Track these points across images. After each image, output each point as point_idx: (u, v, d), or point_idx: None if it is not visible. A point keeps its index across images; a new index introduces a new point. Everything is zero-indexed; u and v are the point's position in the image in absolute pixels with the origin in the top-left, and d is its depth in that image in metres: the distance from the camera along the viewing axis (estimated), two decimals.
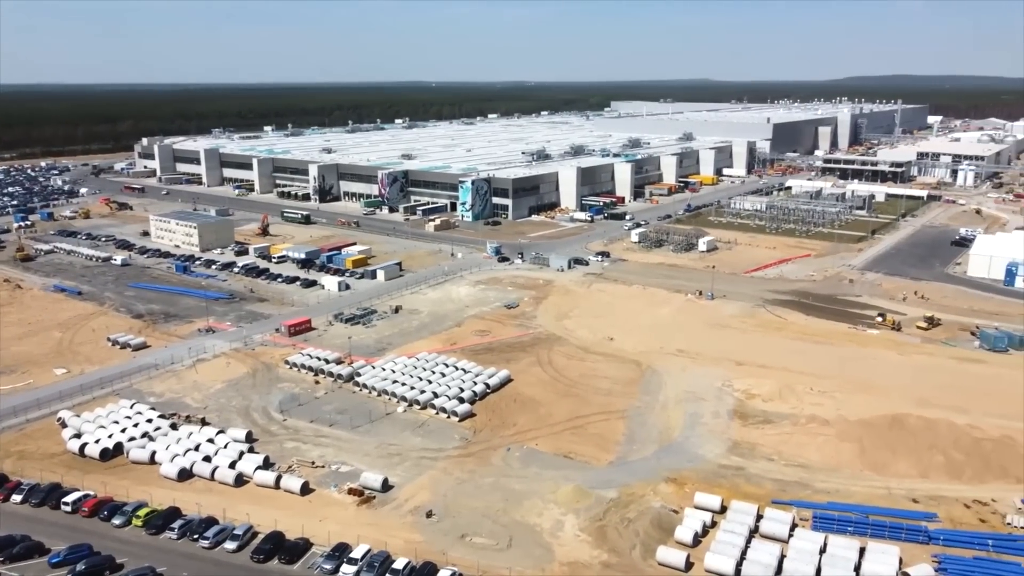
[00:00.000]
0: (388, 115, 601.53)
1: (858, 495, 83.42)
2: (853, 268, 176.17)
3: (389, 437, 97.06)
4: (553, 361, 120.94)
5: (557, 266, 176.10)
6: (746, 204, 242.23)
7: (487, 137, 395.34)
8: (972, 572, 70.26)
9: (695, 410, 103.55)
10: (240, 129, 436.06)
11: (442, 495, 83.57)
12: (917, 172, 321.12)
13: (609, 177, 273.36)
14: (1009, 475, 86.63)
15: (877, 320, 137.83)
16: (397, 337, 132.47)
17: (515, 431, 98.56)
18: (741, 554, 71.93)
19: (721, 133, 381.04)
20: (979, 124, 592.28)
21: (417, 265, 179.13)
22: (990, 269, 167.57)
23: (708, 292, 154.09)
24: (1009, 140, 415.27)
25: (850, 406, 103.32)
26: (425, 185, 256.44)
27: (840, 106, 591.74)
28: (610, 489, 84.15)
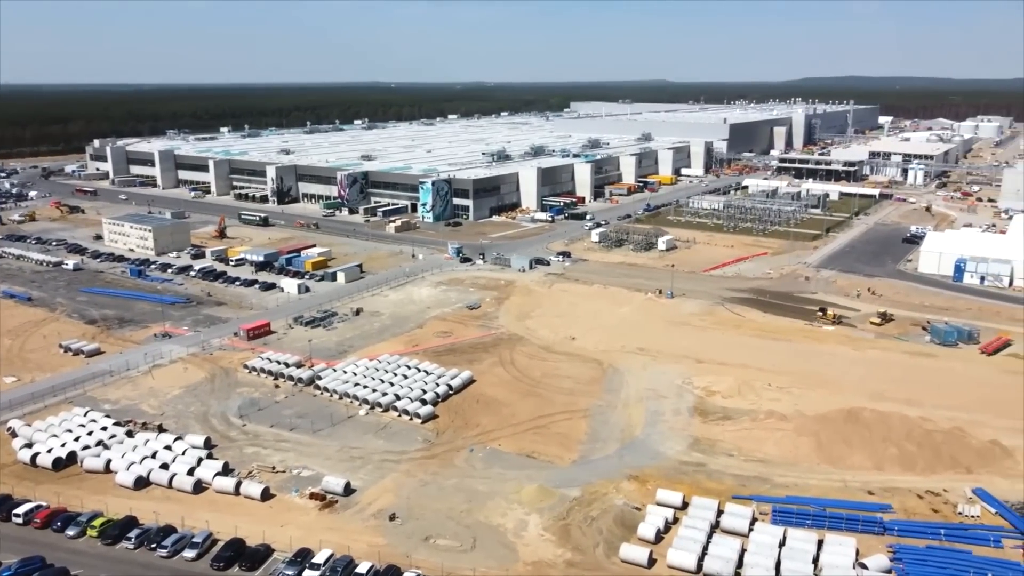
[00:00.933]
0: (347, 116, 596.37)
1: (815, 488, 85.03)
2: (809, 266, 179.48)
3: (351, 440, 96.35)
4: (515, 361, 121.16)
5: (518, 266, 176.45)
6: (704, 203, 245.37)
7: (447, 138, 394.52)
8: (925, 561, 72.02)
9: (656, 408, 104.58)
10: (195, 130, 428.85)
11: (405, 497, 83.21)
12: (869, 171, 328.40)
13: (569, 177, 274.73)
14: (959, 465, 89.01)
15: (818, 315, 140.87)
16: (358, 339, 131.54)
17: (478, 432, 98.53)
18: (703, 549, 72.82)
19: (679, 133, 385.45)
20: (928, 124, 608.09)
21: (378, 267, 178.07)
22: (940, 265, 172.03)
23: (668, 291, 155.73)
24: (956, 140, 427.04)
25: (807, 401, 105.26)
26: (385, 186, 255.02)
27: (794, 107, 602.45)
28: (573, 488, 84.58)
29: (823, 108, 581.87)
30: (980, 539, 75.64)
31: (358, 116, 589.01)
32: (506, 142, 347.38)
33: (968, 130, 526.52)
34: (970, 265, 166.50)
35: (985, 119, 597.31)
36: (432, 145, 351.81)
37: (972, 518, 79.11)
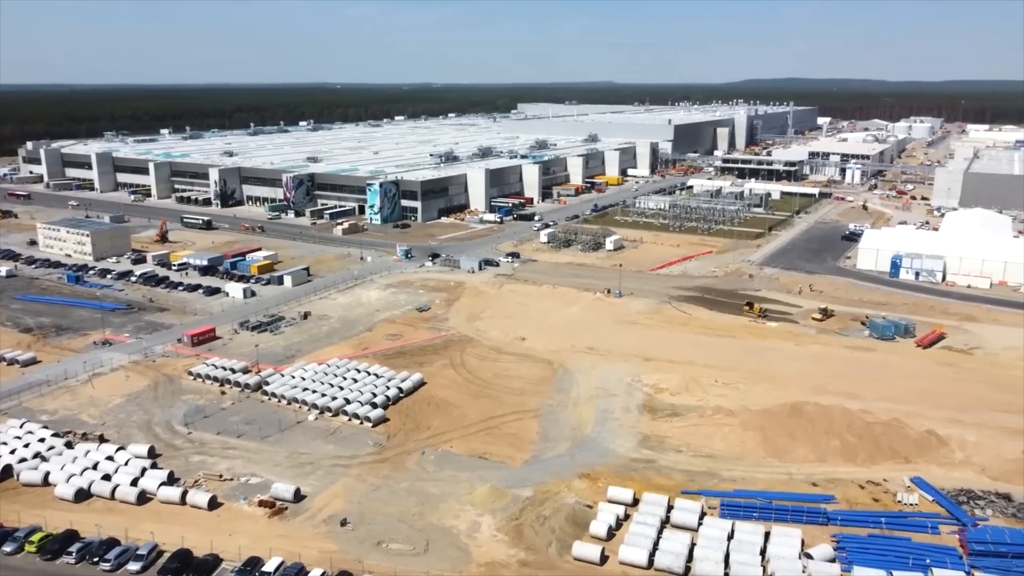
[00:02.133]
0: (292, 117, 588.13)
1: (762, 481, 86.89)
2: (752, 264, 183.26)
3: (300, 446, 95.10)
4: (466, 363, 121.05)
5: (468, 268, 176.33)
6: (650, 203, 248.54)
7: (394, 139, 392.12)
8: (867, 549, 74.22)
9: (606, 406, 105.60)
10: (135, 132, 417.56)
11: (356, 502, 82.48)
12: (809, 171, 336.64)
13: (517, 178, 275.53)
14: (898, 455, 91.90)
15: (744, 308, 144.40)
16: (306, 344, 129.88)
17: (429, 434, 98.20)
18: (654, 545, 73.81)
19: (625, 134, 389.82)
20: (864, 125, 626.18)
21: (325, 270, 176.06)
22: (877, 262, 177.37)
23: (616, 290, 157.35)
24: (891, 140, 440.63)
25: (752, 396, 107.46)
26: (332, 188, 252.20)
27: (737, 108, 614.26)
28: (525, 487, 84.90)
29: (764, 109, 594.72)
30: (918, 526, 78.24)
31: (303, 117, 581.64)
32: (454, 143, 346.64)
33: (902, 131, 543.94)
34: (905, 261, 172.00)
35: (917, 120, 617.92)
36: (379, 146, 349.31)
37: (911, 506, 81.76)
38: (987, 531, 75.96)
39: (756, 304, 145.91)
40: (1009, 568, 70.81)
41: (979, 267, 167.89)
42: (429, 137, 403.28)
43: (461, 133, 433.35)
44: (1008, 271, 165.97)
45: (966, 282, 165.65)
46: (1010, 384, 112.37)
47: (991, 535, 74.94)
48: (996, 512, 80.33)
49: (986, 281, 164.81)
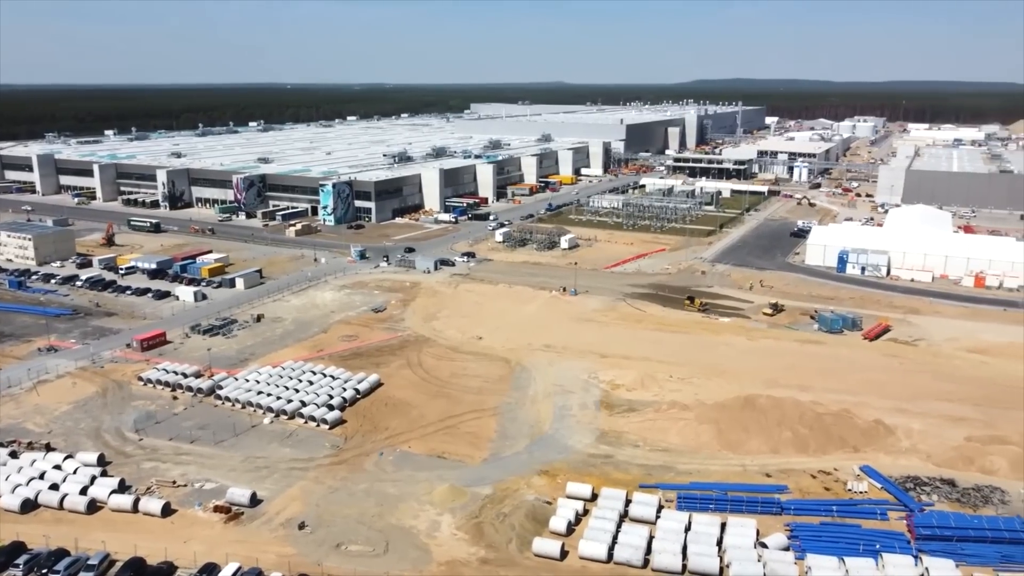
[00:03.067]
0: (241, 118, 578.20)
1: (717, 474, 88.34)
2: (704, 261, 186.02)
3: (256, 450, 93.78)
4: (423, 362, 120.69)
5: (423, 268, 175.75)
6: (604, 202, 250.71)
7: (347, 139, 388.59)
8: (820, 536, 76.02)
9: (564, 403, 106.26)
10: (78, 133, 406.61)
11: (314, 505, 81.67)
12: (758, 169, 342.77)
13: (472, 178, 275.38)
14: (848, 445, 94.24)
15: (686, 303, 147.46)
16: (260, 346, 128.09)
17: (387, 435, 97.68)
18: (613, 539, 74.55)
19: (578, 134, 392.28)
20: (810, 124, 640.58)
21: (278, 272, 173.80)
22: (825, 258, 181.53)
23: (571, 288, 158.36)
24: (836, 139, 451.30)
25: (706, 390, 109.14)
26: (284, 189, 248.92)
27: (687, 108, 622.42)
28: (485, 486, 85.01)
29: (714, 109, 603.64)
30: (868, 513, 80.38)
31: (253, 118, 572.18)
32: (407, 143, 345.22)
33: (846, 130, 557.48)
34: (852, 256, 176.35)
35: (861, 119, 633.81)
36: (331, 147, 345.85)
37: (860, 494, 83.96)
38: (933, 516, 78.39)
39: (697, 299, 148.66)
40: (955, 551, 73.10)
41: (921, 261, 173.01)
42: (382, 137, 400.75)
43: (414, 133, 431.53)
44: (948, 265, 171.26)
45: (909, 276, 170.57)
46: (952, 374, 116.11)
47: (937, 520, 77.36)
48: (941, 497, 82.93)
49: (928, 275, 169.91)
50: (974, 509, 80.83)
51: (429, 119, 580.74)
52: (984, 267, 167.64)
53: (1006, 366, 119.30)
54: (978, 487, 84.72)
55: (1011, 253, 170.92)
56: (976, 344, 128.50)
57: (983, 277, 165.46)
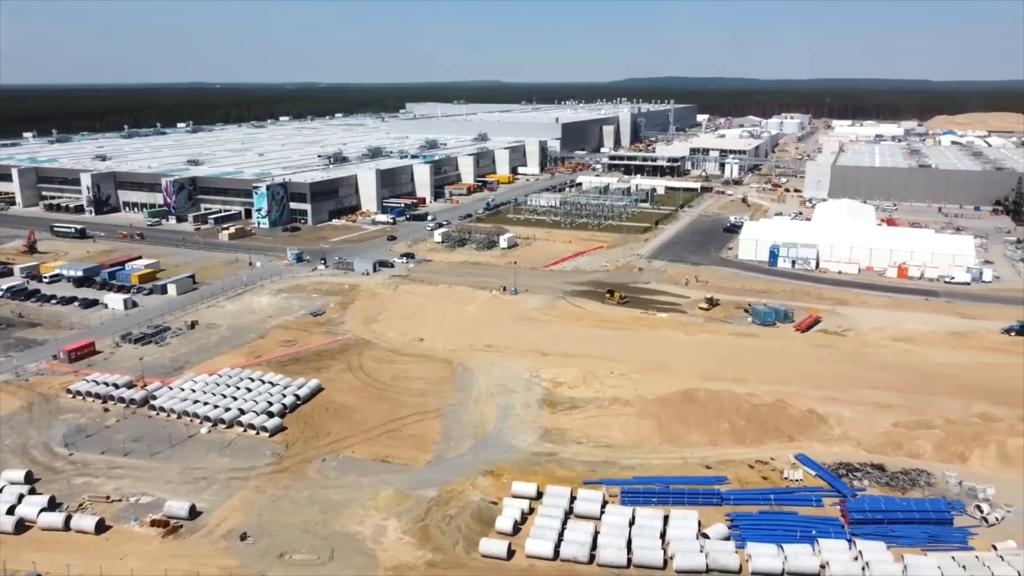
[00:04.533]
0: (169, 119, 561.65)
1: (659, 467, 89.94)
2: (641, 257, 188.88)
3: (193, 461, 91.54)
4: (364, 366, 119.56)
5: (362, 270, 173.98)
6: (541, 201, 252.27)
7: (280, 140, 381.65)
8: (759, 524, 78.13)
9: (507, 402, 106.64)
10: None
11: (256, 515, 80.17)
12: (691, 166, 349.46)
13: (409, 178, 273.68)
14: (783, 434, 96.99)
15: (606, 296, 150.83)
16: (195, 354, 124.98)
17: (329, 440, 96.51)
18: (559, 536, 75.21)
19: (514, 133, 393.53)
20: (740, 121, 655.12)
21: (212, 277, 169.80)
22: (756, 252, 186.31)
23: (511, 287, 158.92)
24: (765, 136, 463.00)
25: (647, 385, 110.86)
26: (216, 192, 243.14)
27: (621, 106, 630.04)
28: (430, 488, 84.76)
29: (647, 107, 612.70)
30: (804, 500, 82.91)
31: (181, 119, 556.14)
32: (342, 144, 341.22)
33: (774, 126, 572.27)
34: (782, 250, 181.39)
35: (788, 116, 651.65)
36: (264, 148, 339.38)
37: (796, 481, 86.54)
38: (865, 500, 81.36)
39: (616, 292, 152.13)
40: (885, 533, 76.09)
41: (848, 254, 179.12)
42: (316, 138, 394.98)
43: (349, 133, 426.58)
44: (873, 257, 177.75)
45: (837, 268, 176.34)
46: (879, 362, 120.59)
47: (868, 504, 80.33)
48: (872, 482, 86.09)
49: (855, 267, 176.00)
50: (903, 492, 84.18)
51: (364, 119, 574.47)
52: (906, 258, 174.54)
53: (929, 353, 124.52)
54: (906, 471, 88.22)
55: (931, 244, 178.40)
56: (900, 333, 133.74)
57: (905, 268, 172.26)
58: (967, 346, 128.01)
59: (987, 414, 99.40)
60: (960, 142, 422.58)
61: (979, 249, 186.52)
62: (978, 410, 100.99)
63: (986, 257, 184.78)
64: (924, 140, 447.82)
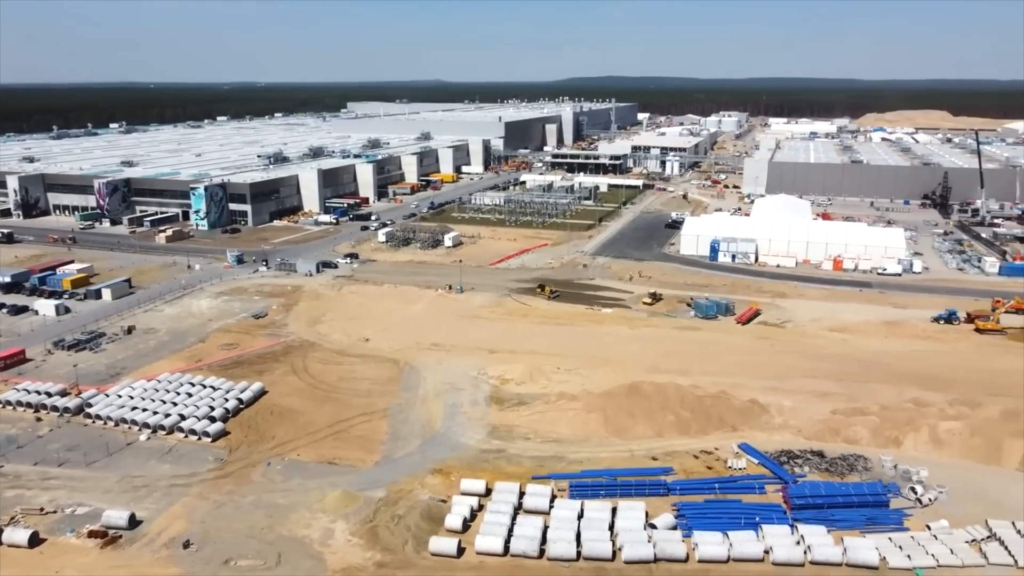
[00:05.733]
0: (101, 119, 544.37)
1: (606, 460, 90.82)
2: (585, 254, 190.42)
3: (132, 469, 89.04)
4: (309, 368, 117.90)
5: (305, 271, 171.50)
6: (486, 199, 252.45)
7: (218, 140, 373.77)
8: (704, 513, 79.51)
9: (454, 400, 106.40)
10: None
11: (199, 522, 78.37)
12: (633, 164, 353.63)
13: (351, 178, 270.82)
14: (726, 424, 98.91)
15: (537, 291, 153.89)
16: (132, 360, 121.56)
17: (274, 444, 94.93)
18: (508, 532, 75.36)
19: (457, 132, 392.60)
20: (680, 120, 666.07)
21: (149, 280, 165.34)
22: (698, 247, 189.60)
23: (457, 286, 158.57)
24: (704, 133, 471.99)
25: (593, 380, 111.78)
26: (152, 194, 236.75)
27: (563, 105, 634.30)
28: (378, 489, 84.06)
29: (589, 106, 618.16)
30: (747, 488, 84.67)
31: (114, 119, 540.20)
32: (282, 144, 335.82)
33: (713, 124, 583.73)
34: (723, 245, 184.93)
35: (726, 114, 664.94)
36: (202, 148, 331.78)
37: (740, 470, 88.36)
38: (806, 486, 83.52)
39: (547, 286, 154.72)
40: (826, 517, 78.21)
41: (785, 248, 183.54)
42: (256, 138, 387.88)
43: (290, 133, 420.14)
44: (810, 251, 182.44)
45: (775, 262, 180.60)
46: (816, 352, 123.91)
47: (809, 490, 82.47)
48: (812, 468, 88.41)
49: (792, 260, 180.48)
50: (841, 477, 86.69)
51: (305, 118, 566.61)
52: (841, 251, 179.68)
53: (863, 342, 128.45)
54: (844, 456, 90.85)
55: (864, 238, 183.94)
56: (837, 323, 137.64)
57: (840, 261, 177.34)
58: (899, 335, 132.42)
59: (919, 399, 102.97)
60: (890, 139, 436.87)
61: (909, 241, 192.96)
62: (910, 396, 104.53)
63: (916, 249, 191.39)
64: (856, 137, 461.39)
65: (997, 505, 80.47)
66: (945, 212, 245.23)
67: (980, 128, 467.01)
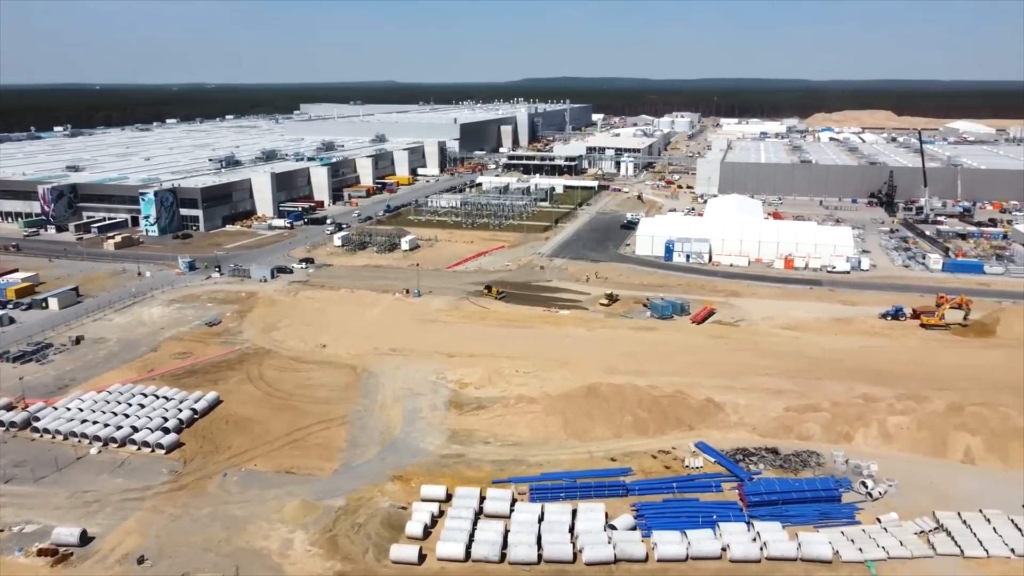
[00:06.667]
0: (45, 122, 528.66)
1: (566, 462, 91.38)
2: (542, 255, 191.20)
3: (83, 484, 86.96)
4: (265, 375, 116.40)
5: (259, 276, 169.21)
6: (442, 202, 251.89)
7: (168, 144, 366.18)
8: (663, 513, 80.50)
9: (413, 406, 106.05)
10: None
11: (154, 536, 76.89)
12: (588, 164, 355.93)
13: (306, 181, 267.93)
14: (683, 424, 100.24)
15: (484, 292, 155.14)
16: (81, 371, 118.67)
17: (230, 454, 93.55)
18: (469, 537, 75.39)
19: (413, 134, 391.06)
20: (633, 120, 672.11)
21: (98, 288, 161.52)
22: (653, 248, 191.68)
23: (414, 289, 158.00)
24: (657, 134, 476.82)
25: (552, 382, 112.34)
26: (99, 199, 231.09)
27: (518, 106, 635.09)
28: (337, 497, 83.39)
29: (544, 107, 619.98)
30: (704, 486, 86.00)
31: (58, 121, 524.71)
32: (235, 147, 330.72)
33: (666, 125, 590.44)
34: (677, 246, 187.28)
35: (679, 115, 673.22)
36: (151, 152, 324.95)
37: (697, 469, 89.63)
38: (761, 483, 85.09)
39: (494, 287, 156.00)
40: (781, 513, 79.81)
41: (738, 247, 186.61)
42: (207, 141, 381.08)
43: (242, 136, 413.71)
44: (762, 250, 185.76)
45: (729, 261, 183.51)
46: (769, 350, 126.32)
47: (764, 487, 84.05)
48: (767, 465, 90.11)
49: (745, 259, 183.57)
50: (795, 473, 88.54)
51: (257, 121, 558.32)
52: (792, 250, 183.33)
53: (814, 340, 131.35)
54: (797, 453, 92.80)
55: (814, 236, 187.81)
56: (789, 321, 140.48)
57: (791, 259, 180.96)
58: (849, 331, 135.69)
59: (868, 395, 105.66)
60: (837, 138, 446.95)
61: (857, 239, 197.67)
62: (860, 391, 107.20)
63: (863, 247, 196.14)
64: (805, 137, 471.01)
65: (944, 497, 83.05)
66: (891, 210, 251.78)
67: (923, 128, 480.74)
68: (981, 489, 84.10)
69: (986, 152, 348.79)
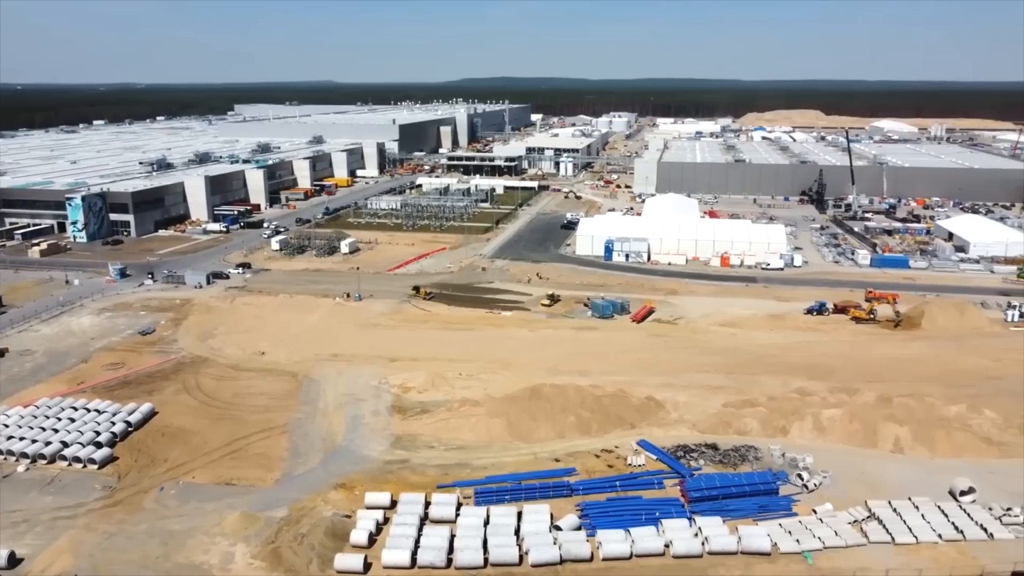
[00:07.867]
0: None
1: (510, 464, 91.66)
2: (484, 257, 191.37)
3: (10, 503, 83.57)
4: (201, 385, 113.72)
5: (194, 283, 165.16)
6: (382, 204, 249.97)
7: (95, 147, 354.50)
8: (607, 511, 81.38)
9: (356, 412, 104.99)
10: None
11: (88, 556, 74.41)
12: (528, 165, 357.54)
13: (241, 184, 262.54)
14: (625, 422, 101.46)
15: (411, 293, 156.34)
16: (6, 385, 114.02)
17: (167, 467, 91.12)
18: (415, 543, 75.01)
19: (351, 135, 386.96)
20: (572, 120, 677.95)
21: (23, 298, 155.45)
22: (593, 247, 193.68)
23: (355, 293, 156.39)
24: (596, 134, 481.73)
25: (495, 384, 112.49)
26: (22, 205, 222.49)
27: (457, 107, 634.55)
28: (279, 508, 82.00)
29: (483, 108, 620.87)
30: (647, 484, 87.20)
31: None
32: (166, 149, 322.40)
33: (604, 125, 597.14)
34: (616, 245, 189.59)
35: (616, 115, 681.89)
36: (77, 155, 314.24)
37: (639, 467, 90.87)
38: (702, 479, 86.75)
39: (422, 288, 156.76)
40: (721, 508, 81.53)
41: (676, 246, 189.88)
42: (137, 143, 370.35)
43: (174, 138, 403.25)
44: (698, 248, 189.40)
45: (667, 260, 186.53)
46: (708, 347, 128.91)
47: (705, 482, 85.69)
48: (707, 461, 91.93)
49: (682, 258, 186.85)
50: (734, 468, 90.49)
51: (189, 122, 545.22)
52: (727, 248, 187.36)
53: (751, 336, 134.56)
54: (736, 447, 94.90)
55: (748, 234, 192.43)
56: (726, 318, 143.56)
57: (727, 257, 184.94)
58: (783, 327, 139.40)
59: (803, 389, 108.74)
60: (769, 137, 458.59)
61: (790, 237, 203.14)
62: (795, 386, 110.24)
63: (796, 244, 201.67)
64: (739, 136, 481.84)
65: (876, 486, 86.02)
66: (821, 207, 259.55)
67: (850, 127, 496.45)
68: (910, 477, 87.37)
69: (909, 151, 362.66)
